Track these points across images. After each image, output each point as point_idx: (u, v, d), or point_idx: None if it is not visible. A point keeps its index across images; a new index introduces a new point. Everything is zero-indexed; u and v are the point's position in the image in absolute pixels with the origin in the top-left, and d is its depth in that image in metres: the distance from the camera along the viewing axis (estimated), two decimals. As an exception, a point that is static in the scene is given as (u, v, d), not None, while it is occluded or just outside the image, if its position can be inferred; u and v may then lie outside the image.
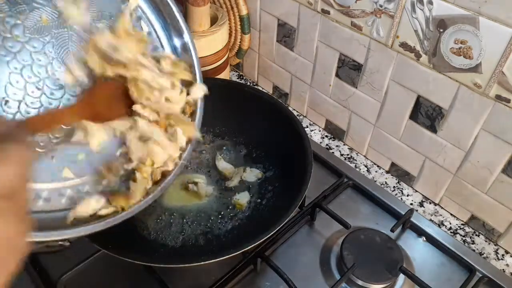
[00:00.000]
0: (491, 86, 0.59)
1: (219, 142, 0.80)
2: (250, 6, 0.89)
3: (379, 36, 0.69)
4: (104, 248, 0.53)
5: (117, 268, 0.63)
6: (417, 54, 0.65)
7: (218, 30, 0.83)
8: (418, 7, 0.61)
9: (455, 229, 0.74)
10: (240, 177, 0.73)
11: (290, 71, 0.91)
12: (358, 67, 0.76)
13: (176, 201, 0.71)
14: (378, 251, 0.66)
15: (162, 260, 0.57)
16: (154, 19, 0.59)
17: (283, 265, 0.62)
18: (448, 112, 0.67)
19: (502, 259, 0.70)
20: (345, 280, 0.63)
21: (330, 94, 0.85)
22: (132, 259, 0.53)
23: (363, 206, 0.75)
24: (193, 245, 0.65)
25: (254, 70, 1.01)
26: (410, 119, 0.73)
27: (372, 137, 0.82)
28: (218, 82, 0.84)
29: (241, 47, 0.95)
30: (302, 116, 0.95)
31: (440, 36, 0.61)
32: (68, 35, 0.51)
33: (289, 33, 0.85)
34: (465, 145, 0.67)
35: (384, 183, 0.81)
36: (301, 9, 0.79)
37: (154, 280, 0.61)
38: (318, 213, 0.72)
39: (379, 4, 0.66)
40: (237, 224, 0.68)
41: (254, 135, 0.78)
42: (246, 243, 0.55)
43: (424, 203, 0.78)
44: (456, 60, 0.61)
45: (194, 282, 0.64)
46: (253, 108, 0.76)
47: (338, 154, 0.87)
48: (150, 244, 0.64)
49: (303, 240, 0.70)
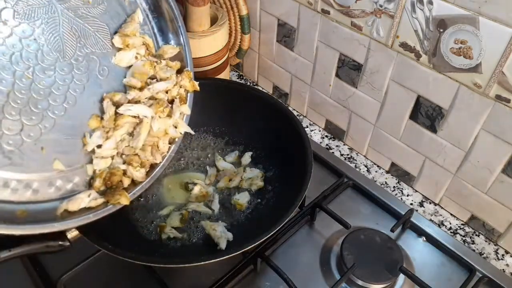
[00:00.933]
0: (491, 86, 0.59)
1: (219, 142, 0.80)
2: (250, 6, 0.89)
3: (379, 36, 0.69)
4: (104, 248, 0.53)
5: (117, 268, 0.63)
6: (417, 54, 0.65)
7: (218, 30, 0.83)
8: (418, 7, 0.61)
9: (455, 229, 0.74)
10: (240, 177, 0.73)
11: (290, 71, 0.91)
12: (358, 67, 0.76)
13: (176, 201, 0.71)
14: (378, 251, 0.66)
15: (162, 260, 0.56)
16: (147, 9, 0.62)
17: (283, 265, 0.62)
18: (448, 112, 0.67)
19: (502, 259, 0.70)
20: (345, 280, 0.63)
21: (330, 94, 0.85)
22: (132, 259, 0.53)
23: (363, 206, 0.75)
24: (193, 245, 0.65)
25: (254, 70, 1.01)
26: (410, 119, 0.73)
27: (372, 137, 0.82)
28: (218, 82, 0.84)
29: (241, 47, 0.95)
30: (302, 116, 0.95)
31: (440, 36, 0.61)
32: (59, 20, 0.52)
33: (289, 33, 0.85)
34: (465, 145, 0.67)
35: (384, 183, 0.82)
36: (301, 9, 0.79)
37: (154, 280, 0.61)
38: (318, 213, 0.72)
39: (379, 4, 0.66)
40: (237, 224, 0.68)
41: (254, 135, 0.78)
42: (246, 243, 0.55)
43: (424, 203, 0.78)
44: (456, 60, 0.61)
45: (194, 282, 0.64)
46: (253, 108, 0.76)
47: (338, 154, 0.87)
48: (150, 244, 0.64)
49: (303, 240, 0.70)
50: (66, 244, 0.54)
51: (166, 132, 0.60)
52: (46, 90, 0.51)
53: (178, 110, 0.61)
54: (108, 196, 0.53)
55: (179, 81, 0.62)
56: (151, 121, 0.58)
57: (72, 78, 0.54)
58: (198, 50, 0.82)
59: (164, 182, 0.73)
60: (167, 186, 0.73)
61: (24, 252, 0.50)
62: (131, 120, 0.57)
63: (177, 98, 0.62)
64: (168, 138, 0.62)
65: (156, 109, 0.58)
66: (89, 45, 0.55)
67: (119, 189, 0.54)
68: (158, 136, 0.59)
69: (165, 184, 0.73)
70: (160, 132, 0.59)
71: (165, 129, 0.60)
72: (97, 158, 0.55)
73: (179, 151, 0.78)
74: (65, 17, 0.52)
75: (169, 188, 0.73)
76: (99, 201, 0.53)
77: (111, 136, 0.55)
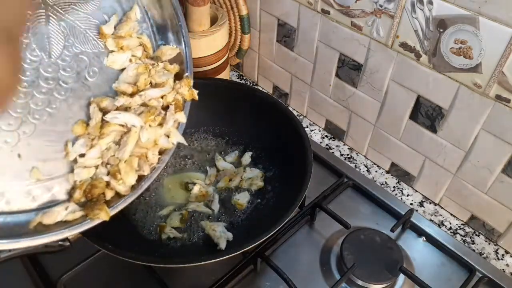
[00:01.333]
0: (491, 86, 0.59)
1: (219, 142, 0.80)
2: (250, 6, 0.89)
3: (379, 36, 0.69)
4: (104, 248, 0.53)
5: (117, 268, 0.63)
6: (417, 54, 0.65)
7: (218, 30, 0.83)
8: (418, 7, 0.61)
9: (455, 229, 0.74)
10: (240, 177, 0.73)
11: (290, 71, 0.91)
12: (358, 67, 0.76)
13: (176, 201, 0.71)
14: (378, 251, 0.66)
15: (162, 260, 0.56)
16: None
17: (283, 265, 0.62)
18: (448, 112, 0.67)
19: (502, 259, 0.70)
20: (345, 280, 0.63)
21: (330, 94, 0.85)
22: (132, 259, 0.53)
23: (363, 206, 0.75)
24: (193, 245, 0.65)
25: (254, 70, 1.01)
26: (410, 119, 0.73)
27: (372, 137, 0.82)
28: (218, 82, 0.84)
29: (241, 47, 0.95)
30: (302, 116, 0.95)
31: (440, 36, 0.61)
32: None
33: (289, 33, 0.85)
34: (465, 145, 0.67)
35: (384, 183, 0.81)
36: (301, 9, 0.79)
37: (154, 280, 0.61)
38: (318, 213, 0.72)
39: (379, 4, 0.66)
40: (237, 224, 0.68)
41: (254, 135, 0.78)
42: (246, 243, 0.55)
43: (424, 203, 0.78)
44: (456, 60, 0.61)
45: (194, 282, 0.64)
46: (253, 108, 0.76)
47: (338, 154, 0.87)
48: (150, 244, 0.64)
49: (303, 240, 0.70)
50: (66, 244, 0.54)
51: (156, 142, 0.55)
52: (27, 92, 0.46)
53: (172, 118, 0.56)
54: (88, 209, 0.49)
55: (177, 88, 0.57)
56: (139, 130, 0.52)
57: (58, 80, 0.49)
58: (198, 50, 0.82)
59: (164, 182, 0.73)
60: (167, 186, 0.73)
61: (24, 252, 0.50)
62: (118, 128, 0.52)
63: (172, 105, 0.56)
64: (158, 148, 0.56)
65: (146, 117, 0.53)
66: (78, 44, 0.51)
67: (100, 202, 0.49)
68: (147, 147, 0.54)
69: (165, 184, 0.73)
70: (150, 143, 0.54)
71: (155, 140, 0.54)
72: (79, 167, 0.50)
73: (179, 151, 0.78)
74: (52, 13, 0.48)
75: (169, 188, 0.73)
76: (77, 215, 0.48)
77: (95, 145, 0.51)
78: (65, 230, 0.46)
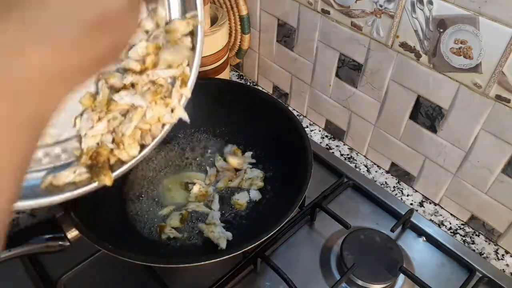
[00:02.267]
0: (491, 86, 0.59)
1: (219, 142, 0.80)
2: (250, 6, 0.89)
3: (379, 36, 0.69)
4: (104, 248, 0.53)
5: (117, 268, 0.63)
6: (417, 54, 0.65)
7: (218, 30, 0.83)
8: (418, 7, 0.61)
9: (455, 229, 0.74)
10: (240, 177, 0.73)
11: (290, 71, 0.91)
12: (358, 67, 0.76)
13: (176, 201, 0.71)
14: (378, 251, 0.66)
15: (162, 260, 0.56)
16: None
17: (283, 265, 0.62)
18: (448, 112, 0.67)
19: (502, 259, 0.70)
20: (345, 280, 0.63)
21: (330, 94, 0.85)
22: (132, 259, 0.53)
23: (363, 206, 0.75)
24: (193, 245, 0.65)
25: (254, 70, 1.01)
26: (410, 119, 0.73)
27: (372, 137, 0.82)
28: (218, 82, 0.84)
29: (241, 47, 0.95)
30: (302, 116, 0.95)
31: (440, 36, 0.61)
32: None
33: (289, 33, 0.85)
34: (465, 145, 0.67)
35: (384, 183, 0.81)
36: (301, 9, 0.79)
37: (154, 280, 0.61)
38: (318, 213, 0.72)
39: (379, 4, 0.66)
40: (237, 224, 0.68)
41: (254, 135, 0.78)
42: (246, 243, 0.55)
43: (424, 203, 0.78)
44: (456, 60, 0.61)
45: (194, 282, 0.64)
46: (253, 108, 0.76)
47: (338, 154, 0.87)
48: (150, 244, 0.64)
49: (303, 240, 0.70)
50: (66, 244, 0.54)
51: (159, 120, 0.55)
52: None
53: (177, 93, 0.55)
54: (93, 174, 0.51)
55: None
56: (145, 109, 0.53)
57: None
58: (198, 50, 0.82)
59: (164, 182, 0.73)
60: (167, 186, 0.73)
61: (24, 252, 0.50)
62: (124, 107, 0.53)
63: (178, 80, 0.54)
64: (161, 123, 0.56)
65: (153, 97, 0.53)
66: None
67: (105, 168, 0.52)
68: (150, 123, 0.55)
69: (165, 184, 0.73)
70: (154, 119, 0.54)
71: (158, 117, 0.55)
72: (86, 137, 0.52)
73: (179, 151, 0.78)
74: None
75: (169, 188, 0.73)
76: (84, 177, 0.51)
77: (103, 118, 0.52)
78: (74, 191, 0.49)
